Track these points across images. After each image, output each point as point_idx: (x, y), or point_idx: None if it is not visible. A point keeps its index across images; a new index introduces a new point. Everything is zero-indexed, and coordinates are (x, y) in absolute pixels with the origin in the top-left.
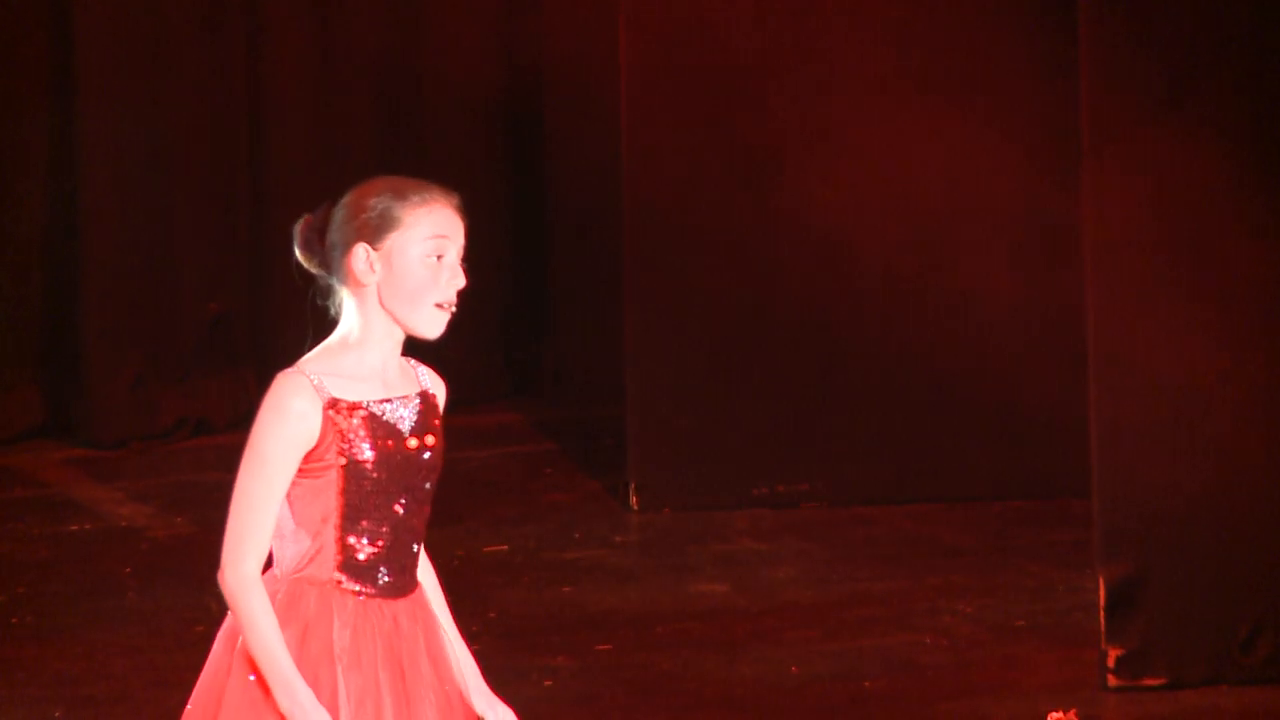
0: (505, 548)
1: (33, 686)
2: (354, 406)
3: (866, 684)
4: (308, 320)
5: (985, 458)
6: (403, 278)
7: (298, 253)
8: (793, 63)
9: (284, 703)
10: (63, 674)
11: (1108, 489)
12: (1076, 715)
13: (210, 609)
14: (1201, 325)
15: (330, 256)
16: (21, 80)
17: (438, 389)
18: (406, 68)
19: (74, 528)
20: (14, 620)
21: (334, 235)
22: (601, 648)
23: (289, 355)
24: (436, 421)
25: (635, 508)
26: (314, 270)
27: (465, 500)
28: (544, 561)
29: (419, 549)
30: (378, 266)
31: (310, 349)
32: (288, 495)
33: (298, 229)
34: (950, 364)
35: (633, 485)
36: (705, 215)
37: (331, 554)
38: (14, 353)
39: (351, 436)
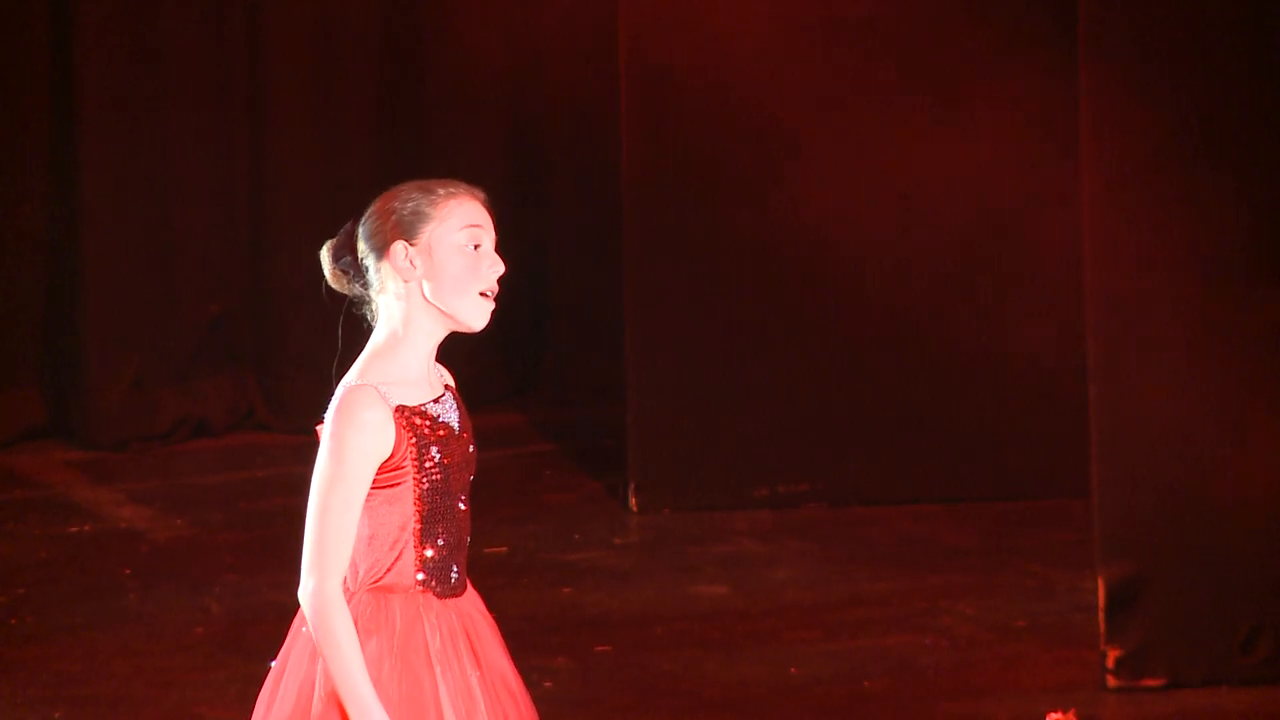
0: (505, 549)
1: (33, 687)
2: (417, 411)
3: (866, 684)
4: (338, 338)
5: (985, 458)
6: (444, 268)
7: (328, 275)
8: (796, 60)
9: None
10: (63, 675)
11: (1108, 489)
12: (1076, 716)
13: (210, 610)
14: (1201, 325)
15: (364, 265)
16: (22, 80)
17: (449, 380)
18: (408, 67)
19: (74, 529)
20: (14, 621)
21: (366, 244)
22: (601, 649)
23: (289, 356)
24: (467, 415)
25: (635, 508)
26: (347, 289)
27: None
28: (544, 562)
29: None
30: (418, 261)
31: (339, 360)
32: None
33: (326, 252)
34: (950, 364)
35: (632, 486)
36: (705, 215)
37: (411, 560)
38: (14, 353)
39: (422, 442)
